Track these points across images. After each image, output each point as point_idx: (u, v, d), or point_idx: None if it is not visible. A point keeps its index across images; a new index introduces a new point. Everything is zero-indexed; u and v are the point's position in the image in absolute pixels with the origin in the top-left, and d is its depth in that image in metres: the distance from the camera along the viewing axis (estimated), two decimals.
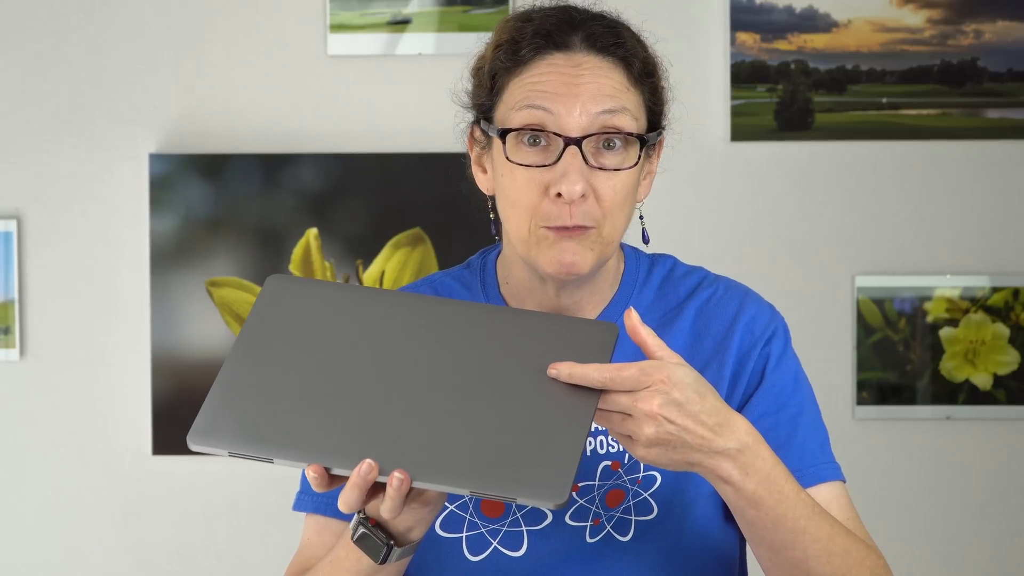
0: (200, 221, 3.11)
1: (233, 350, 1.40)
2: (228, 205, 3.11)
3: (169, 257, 3.10)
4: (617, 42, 1.57)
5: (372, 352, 1.39)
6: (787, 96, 3.12)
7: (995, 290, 3.11)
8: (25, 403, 3.14)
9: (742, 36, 3.11)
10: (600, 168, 1.53)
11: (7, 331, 3.12)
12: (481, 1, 3.11)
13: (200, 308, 3.10)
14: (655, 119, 1.60)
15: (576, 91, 1.53)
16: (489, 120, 1.58)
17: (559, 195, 1.52)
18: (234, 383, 1.38)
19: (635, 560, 1.58)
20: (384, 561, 1.41)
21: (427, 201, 3.09)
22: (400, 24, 3.12)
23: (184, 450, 3.07)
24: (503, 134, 1.55)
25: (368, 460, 1.32)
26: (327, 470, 1.33)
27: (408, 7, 3.12)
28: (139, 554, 3.14)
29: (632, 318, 1.39)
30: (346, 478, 1.34)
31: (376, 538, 1.40)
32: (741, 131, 3.11)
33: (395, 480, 1.31)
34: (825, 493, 1.59)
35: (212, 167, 3.10)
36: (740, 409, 1.60)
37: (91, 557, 3.15)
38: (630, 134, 1.54)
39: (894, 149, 3.13)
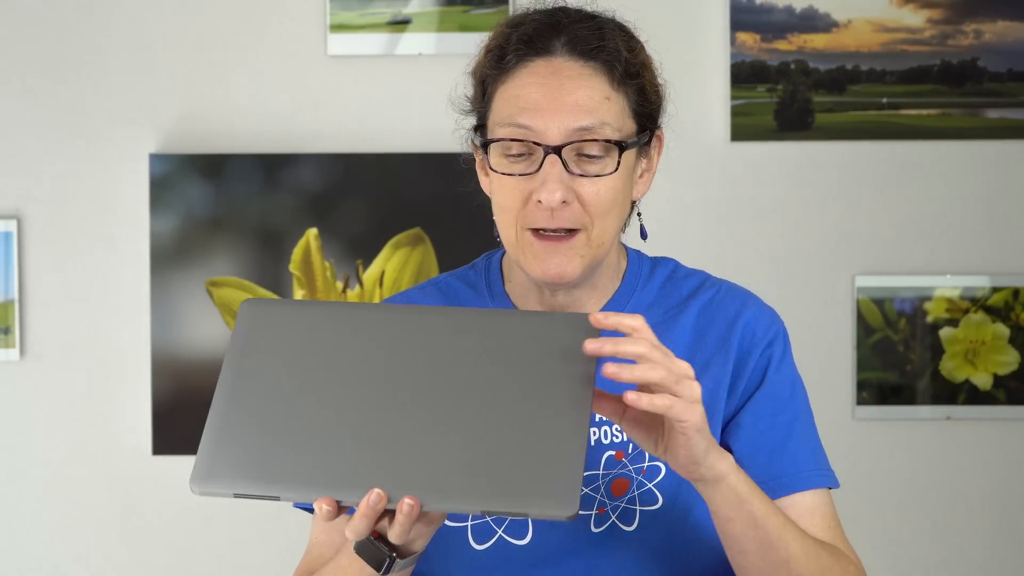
0: (200, 221, 3.11)
1: (220, 384, 1.40)
2: (228, 205, 3.11)
3: (169, 257, 3.10)
4: (600, 45, 1.57)
5: (358, 373, 1.38)
6: (787, 96, 3.12)
7: (995, 290, 3.11)
8: (25, 403, 3.14)
9: (742, 36, 3.11)
10: (582, 175, 1.54)
11: (7, 331, 3.13)
12: (481, 1, 3.12)
13: (200, 308, 3.10)
14: (645, 119, 1.61)
15: (555, 104, 1.54)
16: (484, 127, 1.60)
17: (540, 201, 1.54)
18: (227, 420, 1.38)
19: (639, 550, 1.58)
20: (387, 572, 1.41)
21: (427, 201, 3.09)
22: (400, 24, 3.12)
23: (184, 450, 3.10)
24: (485, 145, 1.57)
25: (377, 490, 1.32)
26: (337, 502, 1.34)
27: (408, 7, 3.12)
28: (139, 554, 3.14)
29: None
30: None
31: (378, 549, 1.40)
32: (741, 131, 3.11)
33: (405, 507, 1.32)
34: (809, 501, 1.61)
35: (212, 167, 3.10)
36: (739, 408, 1.61)
37: (91, 557, 3.15)
38: (608, 141, 1.55)
39: (894, 149, 3.13)
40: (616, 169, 1.55)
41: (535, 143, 1.54)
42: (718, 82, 3.11)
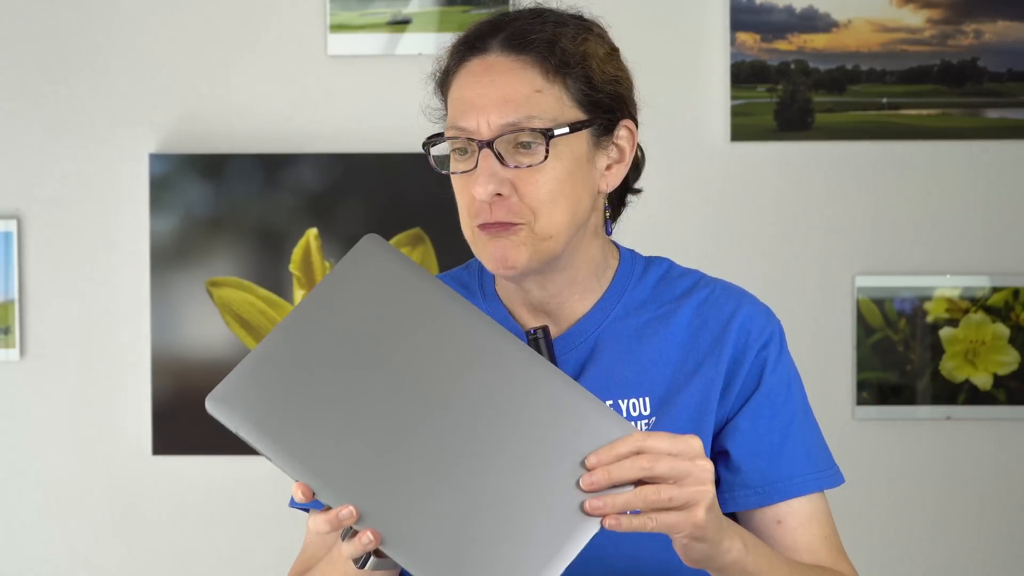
0: (200, 221, 3.11)
1: (295, 312, 1.40)
2: (228, 205, 3.11)
3: (169, 257, 3.10)
4: (533, 38, 1.57)
5: (409, 377, 1.37)
6: (787, 96, 3.12)
7: (995, 290, 3.11)
8: (25, 403, 3.14)
9: (742, 36, 3.11)
10: (516, 167, 1.55)
11: (7, 331, 3.12)
12: (481, 1, 3.11)
13: (200, 308, 3.10)
14: (595, 108, 1.59)
15: (484, 101, 1.55)
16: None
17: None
18: (274, 358, 1.38)
19: (634, 547, 1.58)
20: (362, 566, 1.41)
21: (427, 201, 3.09)
22: (400, 24, 3.12)
23: (184, 450, 3.10)
24: (425, 147, 1.60)
25: (350, 507, 1.32)
26: (313, 493, 1.35)
27: (408, 7, 3.12)
28: (139, 554, 3.14)
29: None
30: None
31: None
32: (741, 131, 3.11)
33: (365, 538, 1.33)
34: (807, 508, 1.61)
35: (212, 167, 3.10)
36: (735, 412, 1.61)
37: (91, 557, 3.15)
38: (534, 130, 1.54)
39: (894, 149, 3.13)
40: (545, 159, 1.55)
41: (468, 139, 1.56)
42: (718, 82, 3.11)
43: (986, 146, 3.13)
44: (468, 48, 1.59)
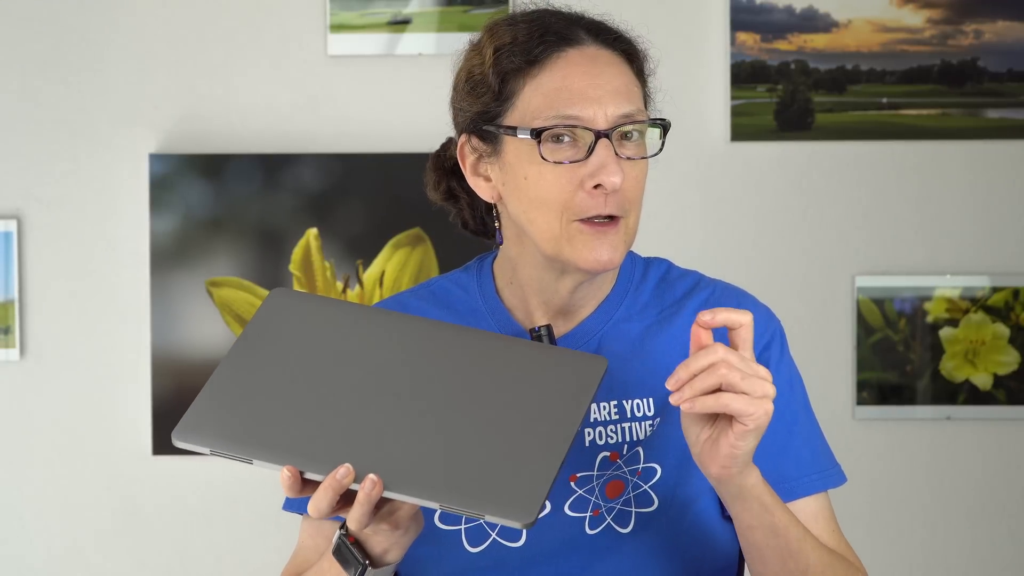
0: (200, 221, 3.11)
1: (227, 355, 1.43)
2: (228, 205, 3.11)
3: (169, 257, 3.10)
4: (617, 35, 1.60)
5: (360, 368, 1.41)
6: (787, 96, 3.12)
7: (995, 290, 3.11)
8: (25, 403, 3.14)
9: (742, 36, 3.11)
10: (627, 158, 1.54)
11: (7, 331, 3.13)
12: (481, 1, 3.11)
13: (200, 308, 3.10)
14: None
15: (599, 92, 1.54)
16: (496, 122, 1.58)
17: (596, 187, 1.53)
18: (224, 386, 1.41)
19: (635, 552, 1.58)
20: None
21: (427, 201, 3.08)
22: (400, 24, 3.12)
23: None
24: (538, 134, 1.54)
25: (346, 464, 1.34)
26: (301, 474, 1.35)
27: (408, 7, 3.12)
28: (139, 554, 3.15)
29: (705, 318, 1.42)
30: (318, 484, 1.36)
31: (353, 555, 1.42)
32: (741, 131, 3.11)
33: (367, 483, 1.33)
34: (813, 506, 1.62)
35: (212, 167, 3.10)
36: None
37: (91, 557, 3.15)
38: (655, 119, 1.56)
39: (894, 149, 3.13)
40: (661, 149, 1.56)
41: (586, 128, 1.53)
42: (718, 82, 3.11)
43: (986, 146, 3.13)
44: (559, 37, 1.57)
